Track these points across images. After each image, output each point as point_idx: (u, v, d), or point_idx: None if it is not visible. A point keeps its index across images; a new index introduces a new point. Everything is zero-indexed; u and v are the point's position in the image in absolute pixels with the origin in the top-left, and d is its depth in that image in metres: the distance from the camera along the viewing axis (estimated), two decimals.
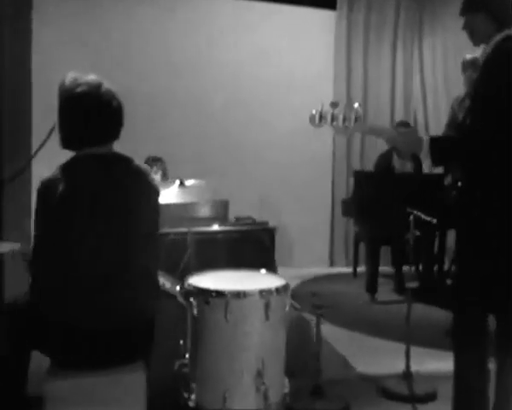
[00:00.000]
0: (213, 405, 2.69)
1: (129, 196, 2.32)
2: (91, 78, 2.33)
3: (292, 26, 6.88)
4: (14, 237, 3.41)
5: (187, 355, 2.83)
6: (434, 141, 2.53)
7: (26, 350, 2.41)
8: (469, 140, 2.46)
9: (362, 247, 6.10)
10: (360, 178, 5.41)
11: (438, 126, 7.07)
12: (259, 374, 2.68)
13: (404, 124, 6.03)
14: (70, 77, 2.34)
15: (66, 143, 2.35)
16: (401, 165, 5.90)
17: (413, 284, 5.66)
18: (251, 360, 2.68)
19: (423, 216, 3.53)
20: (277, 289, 2.75)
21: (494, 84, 2.41)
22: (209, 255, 3.79)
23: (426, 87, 7.38)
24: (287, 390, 2.83)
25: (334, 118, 2.61)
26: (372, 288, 5.41)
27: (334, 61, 7.15)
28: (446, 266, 5.75)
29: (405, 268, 5.88)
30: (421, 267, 5.88)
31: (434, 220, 3.51)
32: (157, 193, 2.41)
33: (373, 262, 5.48)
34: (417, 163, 6.01)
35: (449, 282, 5.73)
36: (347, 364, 3.87)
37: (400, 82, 7.38)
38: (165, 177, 4.93)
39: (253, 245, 4.20)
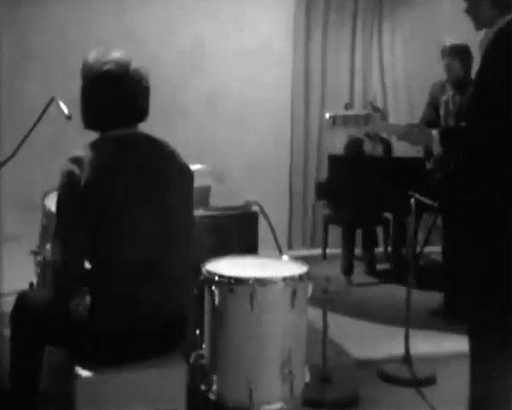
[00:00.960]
0: (238, 397, 2.65)
1: (167, 179, 2.24)
2: (118, 55, 2.21)
3: (251, 8, 6.80)
4: None
5: (204, 346, 2.78)
6: (444, 133, 2.58)
7: (40, 348, 2.29)
8: (477, 129, 2.49)
9: (332, 230, 6.15)
10: (336, 161, 5.44)
11: (396, 106, 7.20)
12: (285, 364, 2.66)
13: (375, 109, 6.10)
14: (94, 54, 2.22)
15: (91, 124, 2.24)
16: (372, 149, 5.98)
17: (385, 266, 5.94)
18: (277, 349, 2.66)
19: (424, 199, 3.58)
20: (301, 276, 2.74)
21: (497, 69, 2.41)
22: None
23: (384, 68, 7.47)
24: (308, 379, 2.83)
25: (347, 119, 2.64)
26: (348, 270, 5.48)
27: (293, 41, 7.12)
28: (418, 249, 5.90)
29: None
30: (390, 249, 5.98)
31: (435, 204, 3.56)
32: (192, 178, 2.34)
33: (349, 245, 5.55)
34: (387, 147, 6.10)
35: (421, 263, 5.91)
36: (342, 350, 3.90)
37: (360, 63, 7.42)
38: None
39: (236, 230, 4.16)
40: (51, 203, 2.82)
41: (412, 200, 3.59)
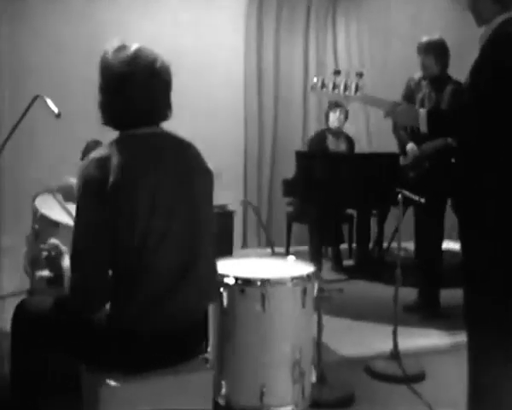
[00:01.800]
0: (249, 401, 2.65)
1: (194, 180, 2.22)
2: (142, 49, 2.16)
3: (205, 5, 6.78)
4: None
5: (209, 350, 2.76)
6: (431, 114, 2.64)
7: (43, 355, 2.23)
8: (465, 117, 2.56)
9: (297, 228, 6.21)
10: (304, 158, 5.50)
11: (351, 103, 7.33)
12: (296, 365, 2.68)
13: (336, 104, 6.19)
14: (115, 49, 2.16)
15: (115, 123, 2.18)
16: (335, 145, 6.08)
17: (351, 262, 6.05)
18: (289, 350, 2.68)
19: (411, 195, 3.66)
20: (310, 275, 2.76)
21: (492, 69, 2.46)
22: None
23: (339, 64, 7.58)
24: (314, 380, 2.86)
25: (335, 86, 2.67)
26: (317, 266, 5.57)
27: (244, 36, 7.13)
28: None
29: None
30: (355, 246, 6.10)
31: (422, 200, 3.65)
32: (213, 179, 2.32)
33: (318, 241, 5.61)
34: (350, 144, 6.22)
35: (388, 259, 6.06)
36: (328, 348, 3.95)
37: (313, 58, 7.51)
38: None
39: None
40: (42, 205, 2.73)
41: (399, 196, 3.66)
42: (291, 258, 2.98)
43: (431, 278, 4.56)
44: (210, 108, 6.64)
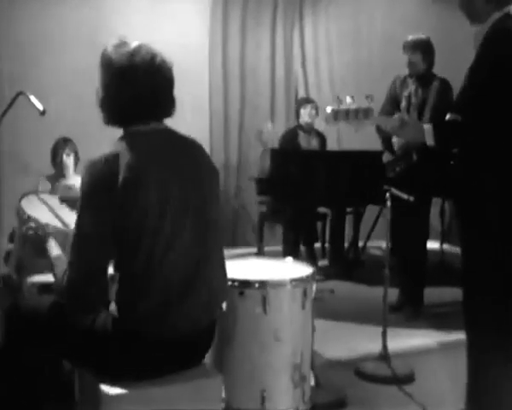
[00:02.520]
0: (250, 406, 2.64)
1: (203, 180, 2.20)
2: (140, 46, 2.15)
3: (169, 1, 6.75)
4: None
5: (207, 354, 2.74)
6: (437, 127, 2.68)
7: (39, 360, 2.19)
8: (470, 124, 2.60)
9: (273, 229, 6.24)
10: (279, 156, 5.51)
11: (319, 98, 7.37)
12: (297, 368, 2.68)
13: (307, 100, 6.24)
14: (115, 45, 2.15)
15: (117, 119, 2.17)
16: (307, 142, 6.12)
17: (323, 262, 6.09)
18: (289, 354, 2.67)
19: (399, 193, 3.70)
20: (309, 277, 2.77)
21: (492, 66, 2.51)
22: None
23: (306, 60, 7.62)
24: (313, 383, 2.86)
25: (348, 113, 2.69)
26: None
27: (209, 30, 7.12)
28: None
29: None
30: (328, 245, 6.14)
31: (411, 198, 3.69)
32: (219, 179, 2.31)
33: (293, 240, 5.64)
34: (322, 140, 6.26)
35: (364, 258, 6.12)
36: (316, 350, 3.95)
37: (281, 55, 7.53)
38: (76, 158, 4.74)
39: None
40: (29, 206, 2.66)
41: (387, 194, 3.70)
42: (289, 259, 2.98)
43: (415, 277, 4.61)
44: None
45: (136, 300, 2.02)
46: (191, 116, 6.42)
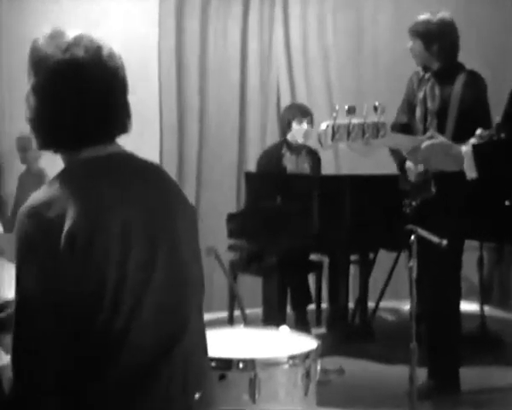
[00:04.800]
0: None
1: (175, 219, 2.23)
2: (81, 35, 2.17)
3: None
4: None
5: None
6: (479, 148, 2.74)
7: None
8: None
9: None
10: (257, 182, 5.57)
11: (309, 94, 7.48)
12: None
13: (302, 110, 6.25)
14: (48, 36, 2.15)
15: (53, 142, 2.16)
16: (295, 164, 6.16)
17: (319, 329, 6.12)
18: None
19: (428, 236, 3.76)
20: (313, 353, 2.81)
21: None
22: None
23: (291, 46, 7.70)
24: None
25: (350, 131, 2.70)
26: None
27: (159, 17, 7.22)
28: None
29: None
30: (327, 306, 6.18)
31: (444, 242, 3.76)
32: (197, 216, 2.34)
33: (278, 301, 5.64)
34: (315, 162, 6.30)
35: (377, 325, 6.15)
36: None
37: (255, 39, 7.62)
38: None
39: None
40: None
41: (413, 237, 3.76)
42: (284, 328, 3.01)
43: (448, 353, 4.65)
44: None
45: (94, 384, 2.04)
46: (138, 134, 6.45)
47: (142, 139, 6.69)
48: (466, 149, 2.76)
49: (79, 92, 2.11)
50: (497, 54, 7.22)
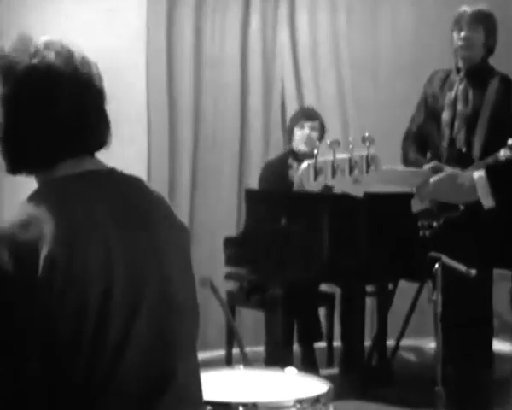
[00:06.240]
0: None
1: (163, 247, 2.25)
2: (51, 40, 2.21)
3: None
4: None
5: None
6: (493, 172, 2.76)
7: None
8: None
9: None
10: (260, 201, 5.59)
11: (319, 101, 7.47)
12: None
13: (305, 113, 6.29)
14: (15, 41, 2.20)
15: (23, 161, 2.20)
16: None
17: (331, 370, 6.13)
18: None
19: (456, 265, 3.79)
20: (321, 398, 2.82)
21: None
22: None
23: (298, 47, 7.75)
24: None
25: (335, 168, 2.71)
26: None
27: (147, 13, 7.27)
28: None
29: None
30: (341, 344, 6.18)
31: (473, 272, 3.78)
32: (188, 238, 2.36)
33: (284, 333, 5.65)
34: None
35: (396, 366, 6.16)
36: None
37: (257, 39, 7.66)
38: None
39: None
40: None
41: (437, 265, 3.79)
42: (291, 370, 3.04)
43: (478, 395, 4.66)
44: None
45: None
46: (124, 150, 6.50)
47: (128, 151, 6.78)
48: (478, 174, 2.78)
49: (53, 105, 2.16)
50: None
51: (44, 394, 2.05)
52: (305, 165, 2.65)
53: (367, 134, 2.74)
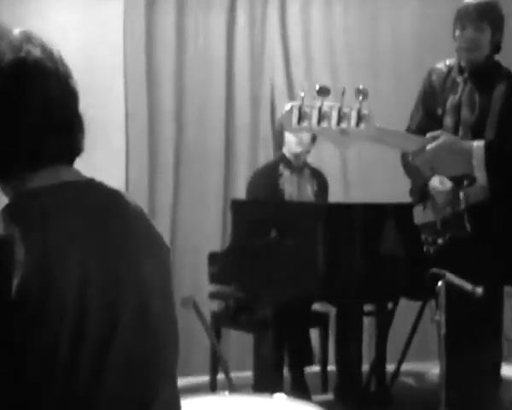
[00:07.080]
0: None
1: (141, 266, 2.23)
2: (31, 33, 2.20)
3: None
4: None
5: None
6: (492, 146, 2.77)
7: None
8: None
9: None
10: (247, 213, 5.59)
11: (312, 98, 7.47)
12: None
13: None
14: None
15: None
16: (296, 186, 6.18)
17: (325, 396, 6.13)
18: None
19: (460, 282, 3.79)
20: None
21: None
22: None
23: (289, 45, 7.77)
24: None
25: (322, 115, 2.71)
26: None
27: (124, 12, 7.29)
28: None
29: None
30: (335, 368, 6.18)
31: (479, 290, 3.77)
32: (169, 254, 2.37)
33: (274, 357, 5.64)
34: (321, 186, 6.33)
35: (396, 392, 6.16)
36: None
37: (243, 37, 7.68)
38: None
39: None
40: None
41: (440, 283, 3.79)
42: (280, 396, 3.03)
43: None
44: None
45: None
46: (100, 155, 6.52)
47: (104, 159, 6.78)
48: (477, 144, 2.80)
49: (41, 99, 2.14)
50: None
51: None
52: (288, 106, 2.64)
53: (361, 87, 2.74)
